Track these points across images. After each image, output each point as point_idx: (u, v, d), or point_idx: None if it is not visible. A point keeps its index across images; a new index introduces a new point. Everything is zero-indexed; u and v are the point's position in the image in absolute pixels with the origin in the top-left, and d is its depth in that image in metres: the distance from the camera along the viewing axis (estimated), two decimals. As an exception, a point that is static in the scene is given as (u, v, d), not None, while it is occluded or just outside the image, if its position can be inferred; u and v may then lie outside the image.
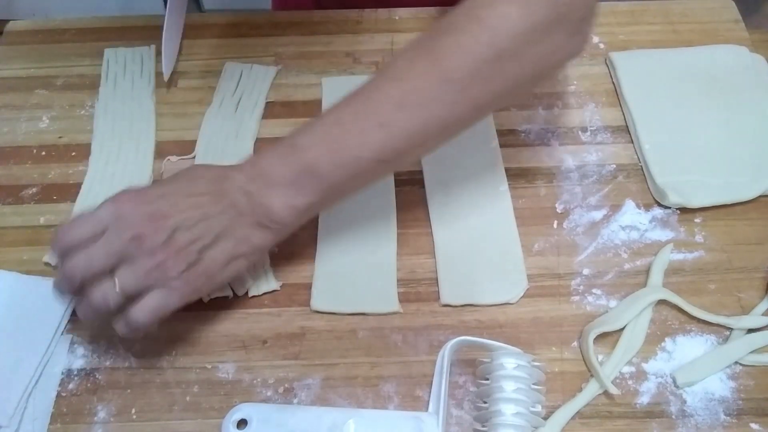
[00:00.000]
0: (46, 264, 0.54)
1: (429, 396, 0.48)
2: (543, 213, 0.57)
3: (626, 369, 0.49)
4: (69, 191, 0.58)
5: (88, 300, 0.43)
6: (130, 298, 0.43)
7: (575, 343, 0.50)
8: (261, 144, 0.61)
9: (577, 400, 0.47)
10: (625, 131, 0.62)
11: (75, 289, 0.43)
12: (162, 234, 0.42)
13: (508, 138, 0.61)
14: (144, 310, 0.43)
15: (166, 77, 0.64)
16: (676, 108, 0.62)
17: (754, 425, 0.47)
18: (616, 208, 0.57)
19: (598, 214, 0.57)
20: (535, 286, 0.53)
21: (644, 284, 0.53)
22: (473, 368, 0.48)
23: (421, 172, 0.59)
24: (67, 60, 0.67)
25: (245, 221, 0.45)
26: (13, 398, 0.47)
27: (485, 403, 0.45)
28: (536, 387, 0.45)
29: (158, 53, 0.66)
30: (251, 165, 0.46)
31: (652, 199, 0.58)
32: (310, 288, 0.53)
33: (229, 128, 0.62)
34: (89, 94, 0.65)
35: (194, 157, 0.60)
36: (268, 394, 0.48)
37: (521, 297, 0.52)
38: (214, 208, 0.44)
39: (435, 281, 0.53)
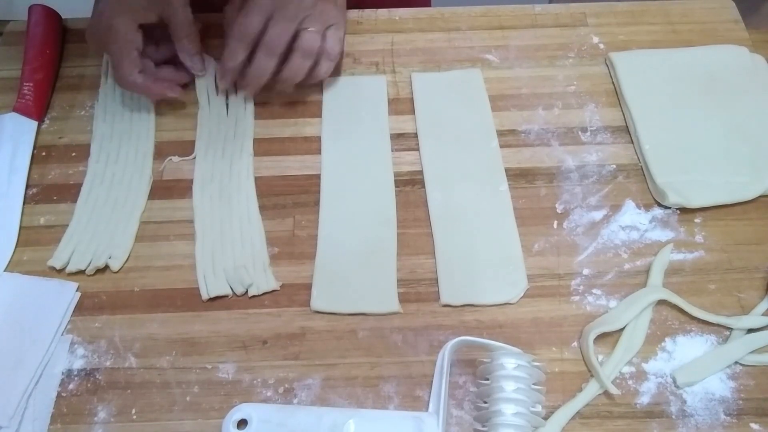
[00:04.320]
0: (51, 268, 0.54)
1: (429, 396, 0.48)
2: (543, 213, 0.57)
3: (626, 369, 0.49)
4: (69, 191, 0.58)
5: (299, 51, 0.58)
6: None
7: (575, 343, 0.50)
8: (261, 144, 0.61)
9: (577, 400, 0.47)
10: (625, 131, 0.62)
11: (279, 54, 0.58)
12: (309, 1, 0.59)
13: (508, 138, 0.61)
14: (336, 38, 0.60)
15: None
16: (676, 108, 0.62)
17: (754, 425, 0.47)
18: (616, 208, 0.57)
19: (598, 214, 0.57)
20: (535, 286, 0.53)
21: (644, 284, 0.53)
22: (473, 368, 0.48)
23: (421, 172, 0.59)
24: (67, 60, 0.67)
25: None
26: (13, 399, 0.47)
27: (485, 403, 0.45)
28: (536, 387, 0.45)
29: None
30: None
31: (652, 199, 0.58)
32: (310, 288, 0.53)
33: (226, 129, 0.62)
34: (89, 94, 0.65)
35: (194, 158, 0.60)
36: (268, 394, 0.48)
37: (521, 297, 0.52)
38: None
39: (435, 281, 0.53)
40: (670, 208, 0.57)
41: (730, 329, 0.50)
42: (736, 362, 0.49)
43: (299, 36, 0.58)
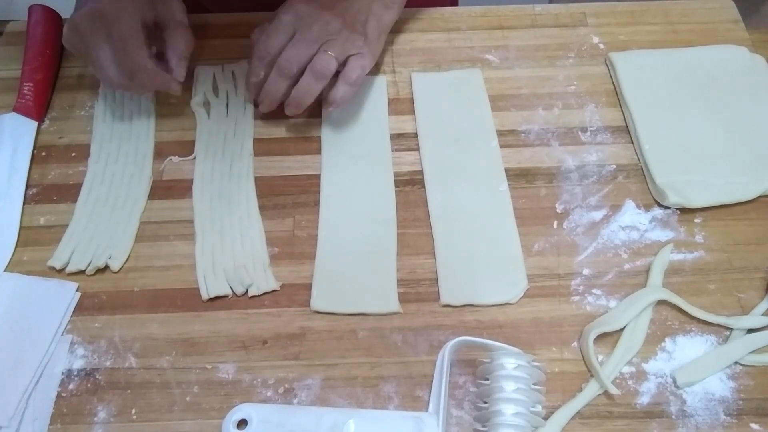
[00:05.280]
0: (51, 268, 0.54)
1: (429, 396, 0.48)
2: (543, 213, 0.57)
3: (626, 369, 0.49)
4: (69, 191, 0.58)
5: (310, 72, 0.56)
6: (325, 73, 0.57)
7: (575, 343, 0.50)
8: (261, 144, 0.61)
9: (577, 400, 0.47)
10: (625, 131, 0.62)
11: (292, 76, 0.57)
12: (339, 18, 0.58)
13: (508, 138, 0.61)
14: (357, 64, 0.57)
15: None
16: (676, 108, 0.62)
17: (754, 425, 0.47)
18: (616, 208, 0.57)
19: (598, 215, 0.57)
20: (535, 287, 0.53)
21: (644, 284, 0.53)
22: (473, 368, 0.48)
23: (421, 172, 0.59)
24: (67, 60, 0.67)
25: (377, 5, 0.61)
26: (13, 399, 0.47)
27: (485, 403, 0.45)
28: (536, 387, 0.45)
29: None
30: None
31: (652, 199, 0.58)
32: (310, 288, 0.53)
33: (226, 129, 0.62)
34: (89, 94, 0.65)
35: (194, 158, 0.60)
36: (268, 394, 0.48)
37: (521, 297, 0.52)
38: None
39: (435, 281, 0.53)
40: (670, 208, 0.57)
41: (730, 329, 0.51)
42: (736, 362, 0.49)
43: (313, 57, 0.57)
